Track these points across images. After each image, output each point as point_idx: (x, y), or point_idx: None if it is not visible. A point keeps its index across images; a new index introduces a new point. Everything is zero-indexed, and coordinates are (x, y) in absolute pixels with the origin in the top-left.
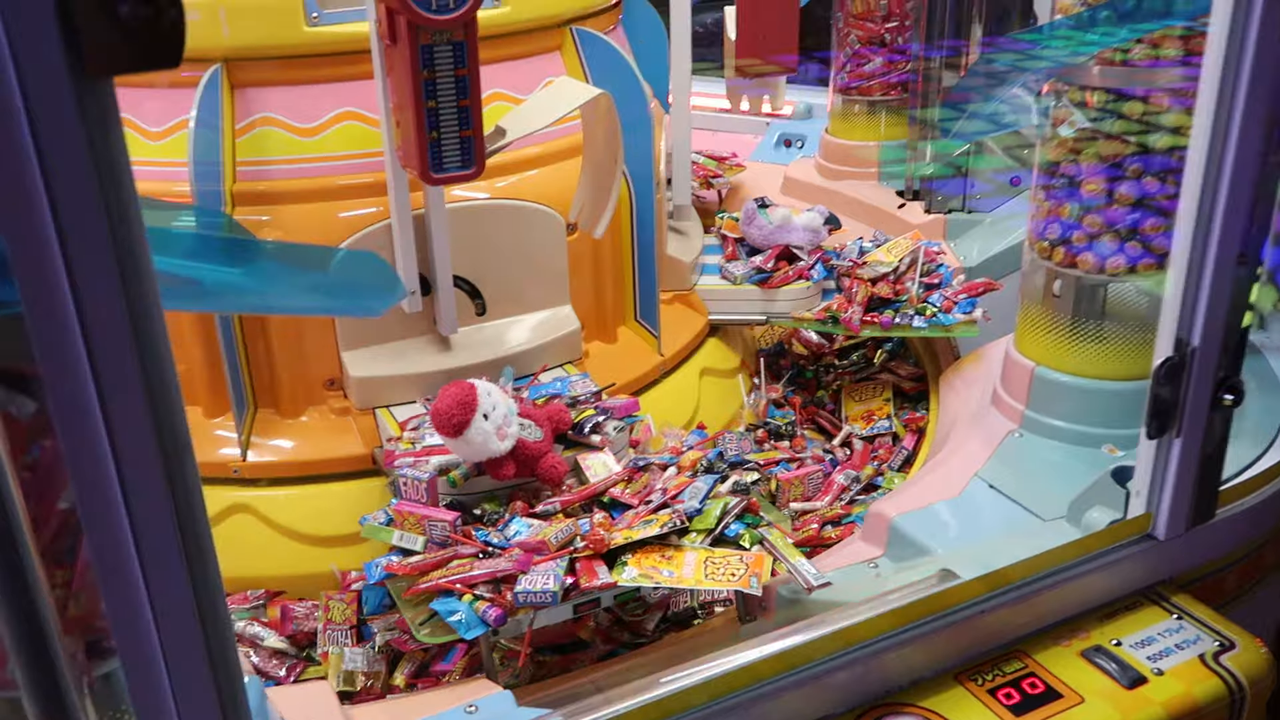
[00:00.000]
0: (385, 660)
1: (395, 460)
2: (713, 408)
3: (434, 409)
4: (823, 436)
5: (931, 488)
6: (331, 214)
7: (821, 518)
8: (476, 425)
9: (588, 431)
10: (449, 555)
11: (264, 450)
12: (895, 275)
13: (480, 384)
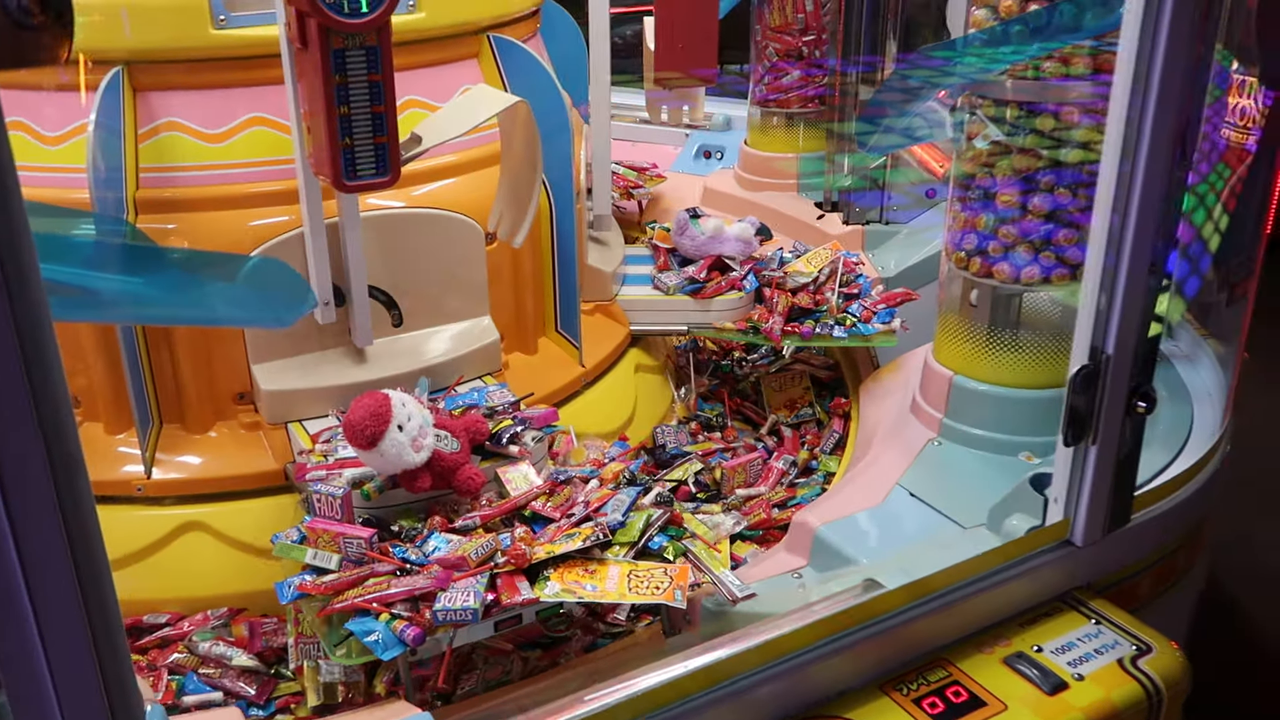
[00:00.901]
0: (364, 669)
1: (307, 474)
2: (641, 410)
3: (346, 420)
4: (750, 426)
5: (854, 497)
6: (241, 222)
7: (768, 502)
8: (391, 437)
9: (506, 442)
10: (365, 573)
11: (170, 467)
12: (815, 285)
13: (394, 394)
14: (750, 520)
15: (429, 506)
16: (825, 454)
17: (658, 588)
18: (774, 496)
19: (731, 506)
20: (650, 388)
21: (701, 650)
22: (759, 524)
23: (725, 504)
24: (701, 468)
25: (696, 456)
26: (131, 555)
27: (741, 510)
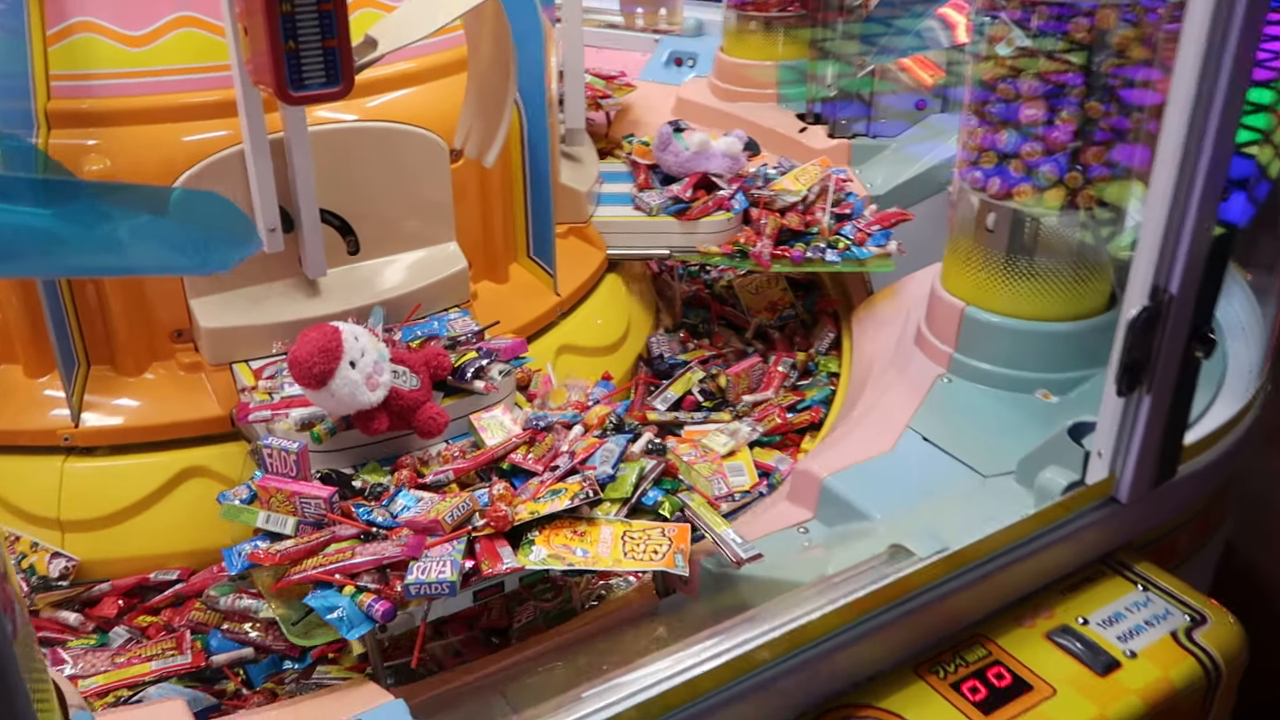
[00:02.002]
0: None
1: (250, 414)
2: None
3: (292, 357)
4: (734, 331)
5: (861, 442)
6: (171, 138)
7: (780, 407)
8: (342, 375)
9: (470, 377)
10: (325, 539)
11: (101, 412)
12: (804, 205)
13: (346, 327)
14: (766, 426)
15: (396, 460)
16: (822, 354)
17: (655, 551)
18: (783, 400)
19: (742, 414)
20: (636, 298)
21: (716, 640)
22: (775, 429)
23: (734, 411)
24: (704, 376)
25: (696, 365)
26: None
27: (753, 417)
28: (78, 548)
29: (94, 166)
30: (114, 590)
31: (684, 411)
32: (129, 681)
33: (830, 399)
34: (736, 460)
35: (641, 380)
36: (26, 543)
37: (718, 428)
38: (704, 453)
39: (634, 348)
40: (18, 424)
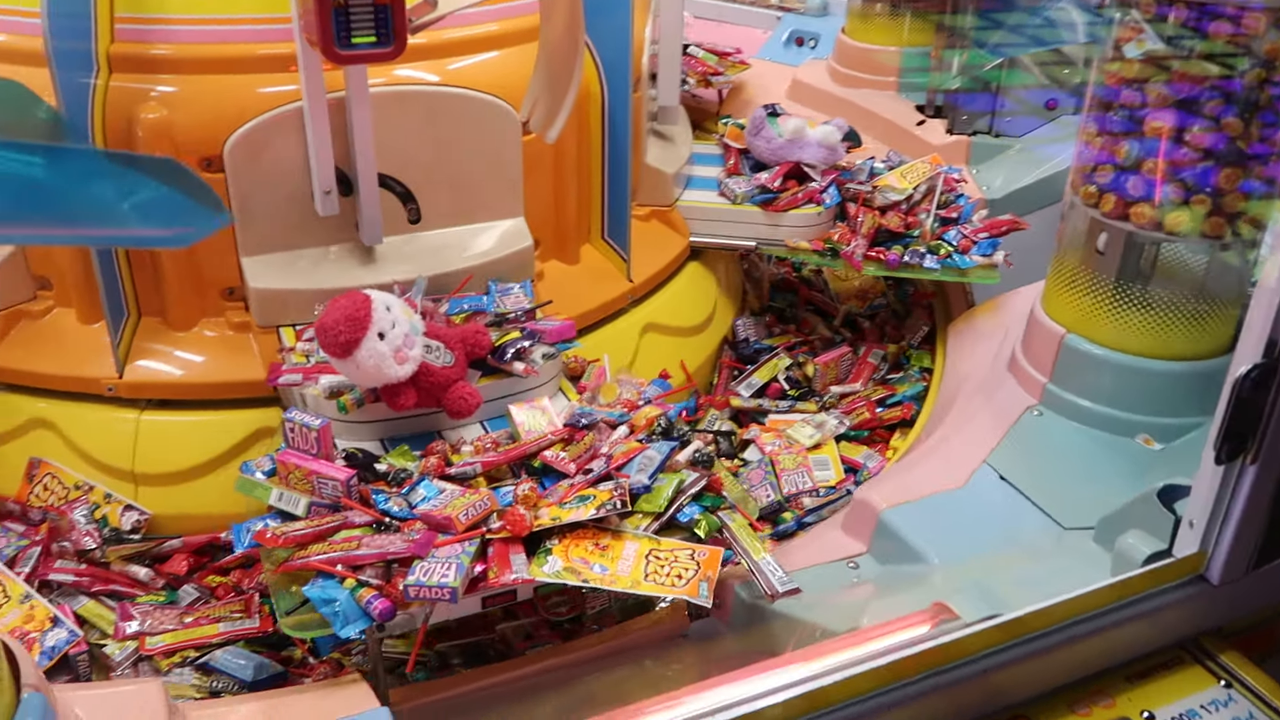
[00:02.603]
0: None
1: (280, 376)
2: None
3: (319, 324)
4: (821, 318)
5: (930, 473)
6: (234, 90)
7: (870, 400)
8: (369, 346)
9: (510, 358)
10: (334, 525)
11: (147, 366)
12: (908, 205)
13: (378, 296)
14: (854, 419)
15: (428, 444)
16: (914, 348)
17: (679, 576)
18: (872, 394)
19: (829, 405)
20: (723, 279)
21: (731, 688)
22: (864, 424)
23: (821, 402)
24: (791, 363)
25: (783, 351)
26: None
27: (840, 409)
28: (150, 501)
29: (150, 115)
30: (185, 547)
31: (768, 399)
32: (196, 642)
33: (923, 395)
34: (822, 454)
35: (726, 364)
36: (100, 493)
37: (803, 418)
38: (788, 444)
39: (719, 330)
40: (64, 369)
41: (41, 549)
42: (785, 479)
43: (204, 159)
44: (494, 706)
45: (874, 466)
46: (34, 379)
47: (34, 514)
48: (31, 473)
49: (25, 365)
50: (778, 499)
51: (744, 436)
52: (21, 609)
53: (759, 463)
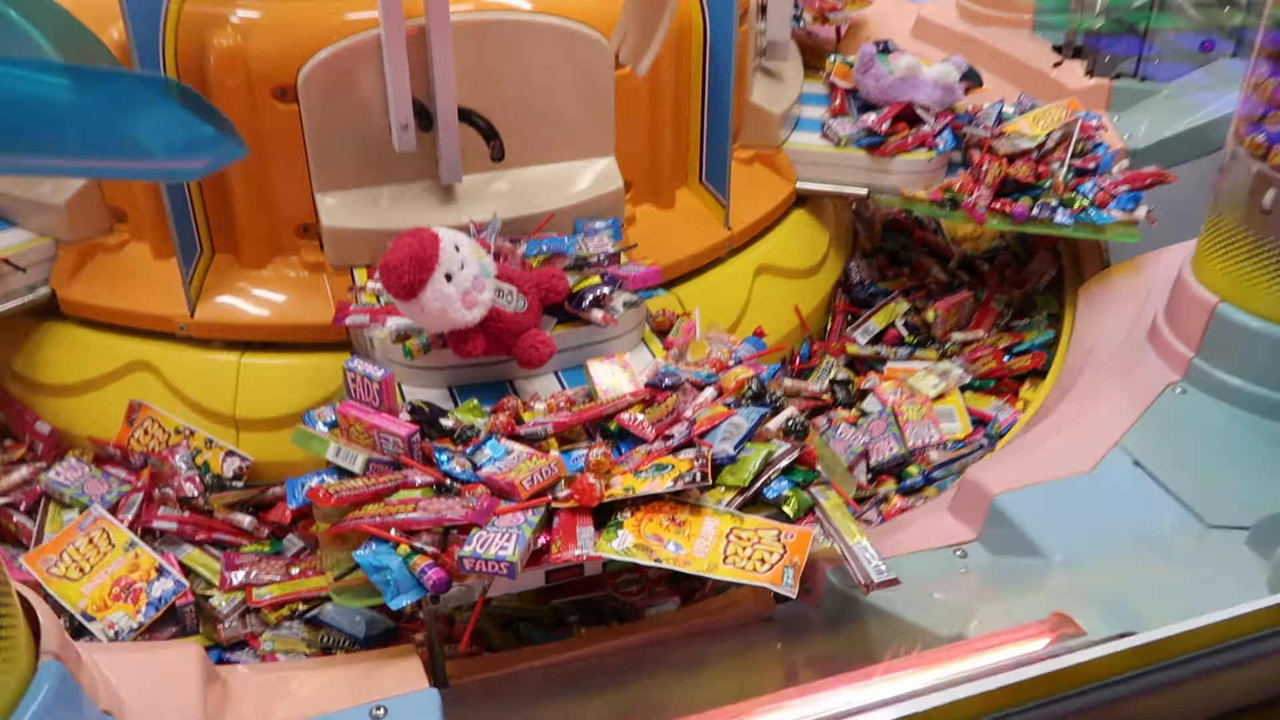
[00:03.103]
0: None
1: (347, 316)
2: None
3: (383, 262)
4: (936, 260)
5: (1053, 455)
6: (311, 17)
7: (996, 349)
8: (435, 288)
9: (588, 305)
10: (392, 485)
11: (219, 305)
12: (1040, 153)
13: (446, 235)
14: (979, 368)
15: (497, 402)
16: (1040, 293)
17: (762, 560)
18: (998, 341)
19: (950, 353)
20: (833, 219)
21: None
22: (990, 373)
23: (941, 350)
24: (909, 309)
25: (899, 295)
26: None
27: (963, 357)
28: (252, 448)
29: (224, 41)
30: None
31: (885, 346)
32: (304, 595)
33: (1053, 343)
34: (947, 404)
35: (840, 309)
36: (201, 438)
37: (925, 367)
38: (910, 394)
39: (832, 273)
40: (136, 305)
41: (144, 495)
42: (910, 431)
43: (277, 88)
44: (554, 689)
45: (1005, 419)
46: (106, 314)
47: (135, 459)
48: (131, 416)
49: (97, 300)
50: (902, 452)
51: (861, 385)
52: (126, 557)
53: (880, 414)
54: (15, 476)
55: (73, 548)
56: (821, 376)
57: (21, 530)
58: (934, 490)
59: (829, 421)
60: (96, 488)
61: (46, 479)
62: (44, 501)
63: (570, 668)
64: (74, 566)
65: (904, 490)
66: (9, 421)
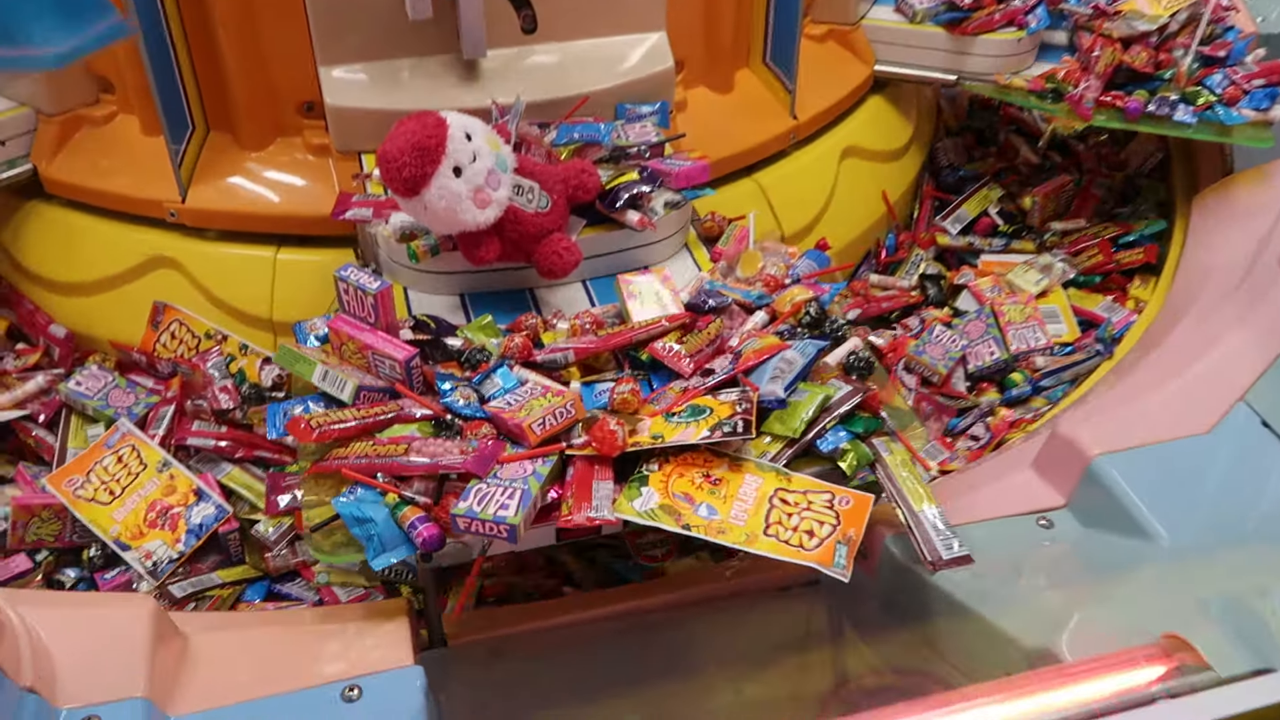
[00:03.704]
0: None
1: (348, 209)
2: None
3: (381, 151)
4: (1024, 139)
5: (1160, 410)
6: None
7: (1103, 239)
8: (440, 183)
9: (622, 205)
10: (385, 419)
11: (214, 189)
12: (1160, 37)
13: (455, 120)
14: (1085, 263)
15: (514, 320)
16: (1145, 177)
17: (810, 532)
18: (1102, 232)
19: (1049, 244)
20: (917, 97)
21: None
22: (1097, 267)
23: (1039, 241)
24: (1004, 194)
25: (990, 180)
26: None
27: (1063, 249)
28: None
29: None
30: None
31: (978, 236)
32: None
33: (1165, 235)
34: (1050, 303)
35: (928, 194)
36: (234, 344)
37: (1025, 261)
38: (1009, 291)
39: (917, 155)
40: (121, 187)
41: (175, 408)
42: (1012, 333)
43: None
44: (563, 653)
45: (1119, 320)
46: (90, 196)
47: (162, 366)
48: (156, 319)
49: (81, 179)
50: (1004, 357)
51: (955, 281)
52: (160, 479)
53: (977, 313)
54: (31, 385)
55: (100, 467)
56: (910, 271)
57: (42, 446)
58: (1043, 401)
59: (921, 322)
60: (122, 399)
61: (66, 389)
62: (64, 414)
63: (582, 630)
64: (103, 489)
65: (1009, 401)
66: (20, 322)
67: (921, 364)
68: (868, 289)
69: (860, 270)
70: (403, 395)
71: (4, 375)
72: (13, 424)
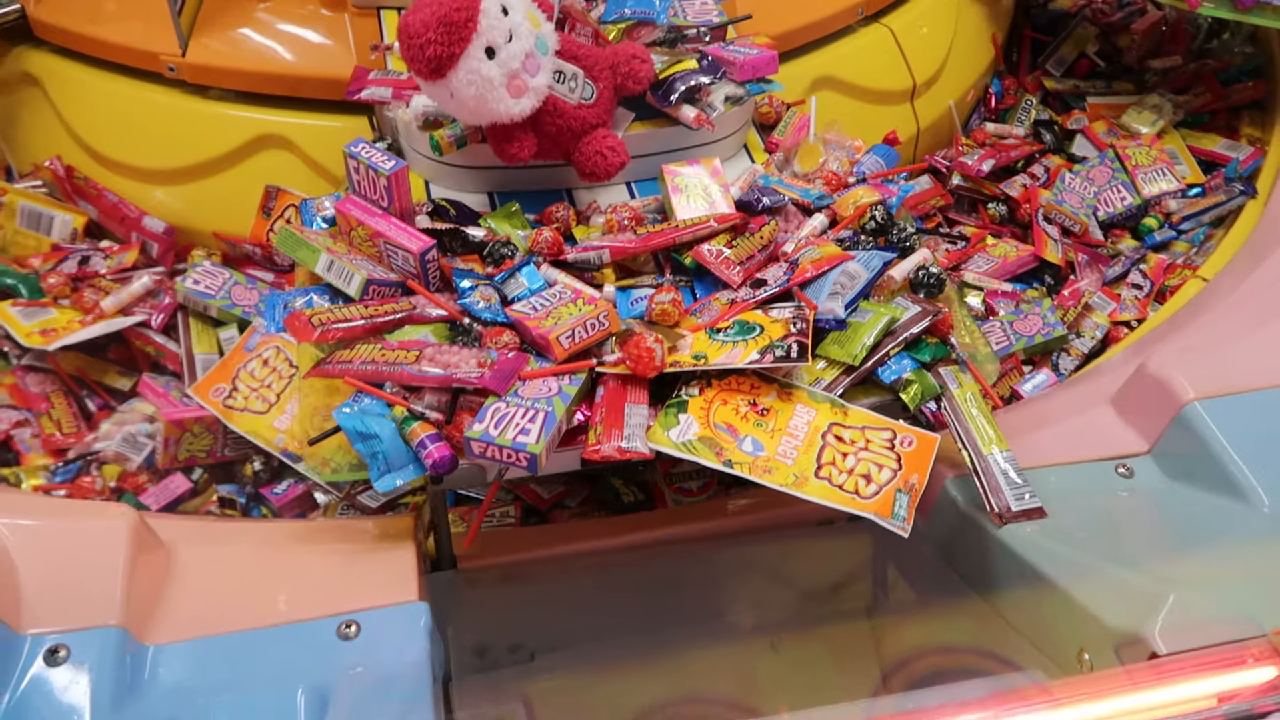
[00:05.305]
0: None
1: (363, 88)
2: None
3: (402, 23)
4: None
5: (1265, 351)
6: None
7: (1202, 75)
8: (470, 66)
9: (677, 99)
10: (396, 318)
11: (215, 46)
12: None
13: None
14: (1192, 102)
15: (545, 210)
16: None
17: (867, 477)
18: (1202, 69)
19: (1149, 84)
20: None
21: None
22: (1205, 105)
23: (1140, 81)
24: (1099, 32)
25: (1085, 19)
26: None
27: (1164, 87)
28: None
29: None
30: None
31: (1079, 80)
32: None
33: (1266, 69)
34: (1168, 144)
35: (1028, 35)
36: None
37: (1134, 101)
38: (1125, 134)
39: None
40: (115, 35)
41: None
42: (1141, 177)
43: None
44: (579, 585)
45: (1245, 158)
46: (78, 42)
47: (281, 259)
48: (268, 205)
49: (71, 24)
50: (1136, 202)
51: (1068, 125)
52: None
53: (1100, 158)
54: (137, 286)
55: (245, 373)
56: (1022, 118)
57: (165, 354)
58: (1186, 245)
59: (1046, 171)
60: (245, 296)
61: (185, 288)
62: (183, 317)
63: (603, 558)
64: (255, 396)
65: (1154, 247)
66: (103, 216)
67: (1063, 213)
68: (991, 139)
69: (971, 121)
70: (416, 293)
71: (96, 278)
72: (124, 332)
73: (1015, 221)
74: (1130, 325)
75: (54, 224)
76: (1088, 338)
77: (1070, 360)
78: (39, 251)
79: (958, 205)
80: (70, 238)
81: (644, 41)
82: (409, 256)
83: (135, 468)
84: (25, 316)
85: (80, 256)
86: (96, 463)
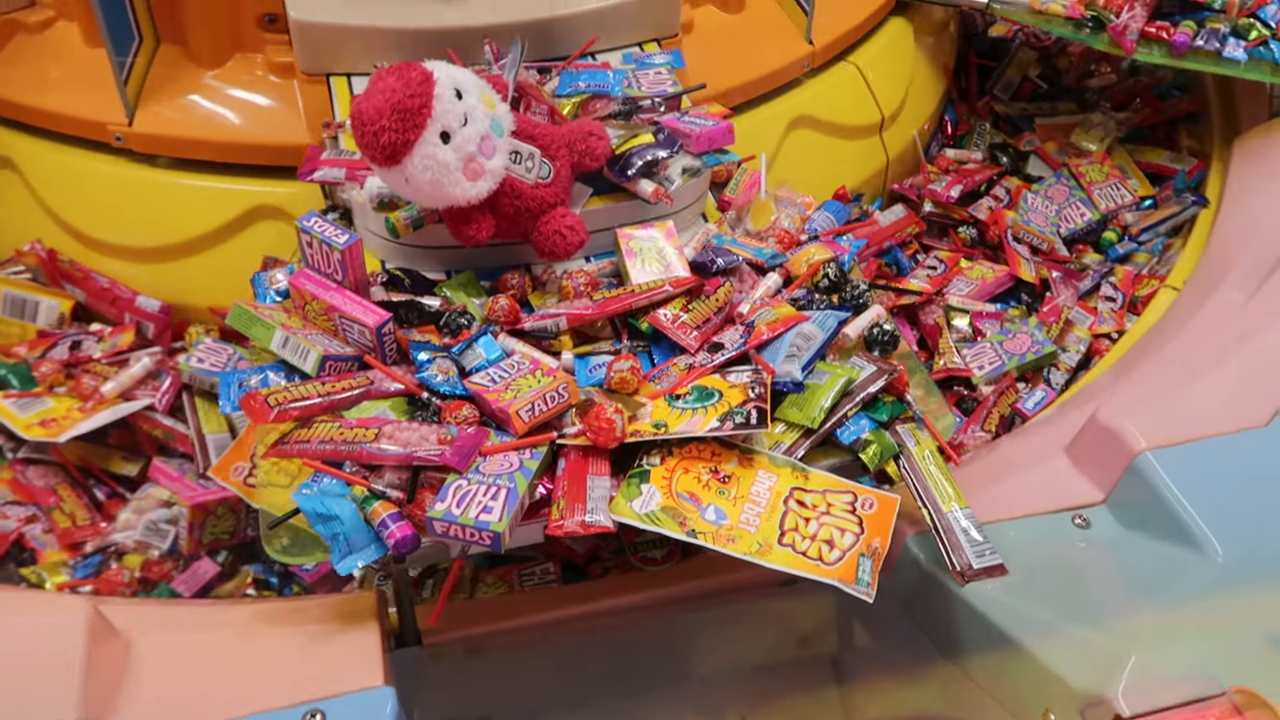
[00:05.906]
0: None
1: (315, 169)
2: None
3: (355, 110)
4: None
5: (1208, 398)
6: None
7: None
8: (425, 151)
9: (635, 173)
10: (353, 395)
11: (165, 111)
12: None
13: (444, 73)
14: (1134, 119)
15: (499, 278)
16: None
17: (829, 543)
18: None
19: (1089, 102)
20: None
21: None
22: (1146, 120)
23: (1080, 100)
24: (1039, 55)
25: (1023, 44)
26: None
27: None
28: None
29: None
30: None
31: (1025, 102)
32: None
33: (1198, 82)
34: (1116, 160)
35: (974, 62)
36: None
37: (1078, 121)
38: (1076, 153)
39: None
40: (62, 106)
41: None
42: (1097, 193)
43: None
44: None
45: (1190, 170)
46: (24, 113)
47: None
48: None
49: (15, 95)
50: (1095, 217)
51: (1021, 147)
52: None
53: (1056, 177)
54: (137, 369)
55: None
56: (977, 142)
57: (176, 437)
58: (1146, 256)
59: (1007, 192)
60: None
61: (190, 368)
62: (188, 397)
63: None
64: (276, 470)
65: (1116, 259)
66: (91, 299)
67: (1030, 232)
68: (953, 164)
69: (931, 148)
70: (373, 367)
71: (90, 362)
72: (128, 416)
73: (985, 243)
74: (1111, 337)
75: (39, 310)
76: (1073, 351)
77: (1060, 375)
78: (24, 339)
79: (929, 231)
80: (58, 322)
81: (599, 115)
82: (365, 330)
83: (159, 555)
84: (21, 408)
85: (71, 341)
86: (116, 554)
